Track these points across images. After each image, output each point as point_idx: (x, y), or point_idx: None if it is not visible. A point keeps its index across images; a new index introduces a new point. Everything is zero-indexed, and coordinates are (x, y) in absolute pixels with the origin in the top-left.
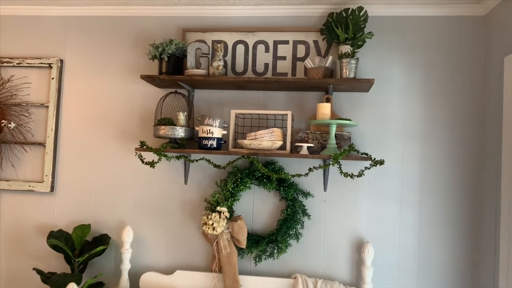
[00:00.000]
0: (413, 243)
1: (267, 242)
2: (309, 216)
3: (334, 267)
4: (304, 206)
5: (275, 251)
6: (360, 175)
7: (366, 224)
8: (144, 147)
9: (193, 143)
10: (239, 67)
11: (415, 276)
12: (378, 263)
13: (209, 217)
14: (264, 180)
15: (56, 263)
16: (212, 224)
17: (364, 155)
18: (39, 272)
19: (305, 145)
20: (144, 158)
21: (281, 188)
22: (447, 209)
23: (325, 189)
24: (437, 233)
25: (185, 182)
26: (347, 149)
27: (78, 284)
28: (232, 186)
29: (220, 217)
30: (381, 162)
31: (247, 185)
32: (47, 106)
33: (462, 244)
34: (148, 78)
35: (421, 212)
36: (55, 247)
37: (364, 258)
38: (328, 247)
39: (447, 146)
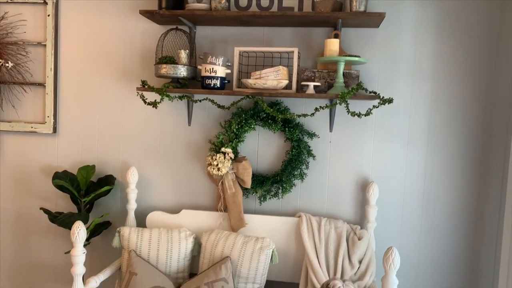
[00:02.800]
0: (418, 183)
1: (271, 182)
2: (314, 156)
3: (338, 206)
4: (309, 147)
5: (280, 191)
6: (367, 114)
7: (372, 165)
8: (146, 86)
9: (196, 83)
10: (243, 1)
11: (420, 215)
12: (383, 203)
13: (214, 158)
14: (269, 121)
15: (62, 203)
16: (217, 165)
17: (372, 94)
18: (46, 211)
19: (311, 84)
20: (146, 98)
21: (286, 129)
22: (454, 149)
23: (331, 130)
24: (443, 173)
25: (189, 123)
26: (355, 88)
27: (85, 223)
28: (237, 127)
29: (224, 158)
30: (390, 101)
31: (252, 126)
32: (45, 45)
33: (468, 184)
34: (147, 14)
35: (427, 152)
36: (60, 188)
37: (368, 198)
38: (333, 187)
39: (457, 87)
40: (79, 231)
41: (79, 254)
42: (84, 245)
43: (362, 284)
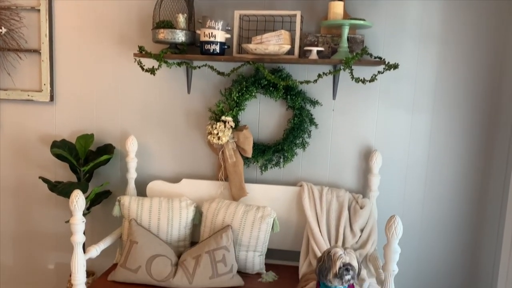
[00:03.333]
0: (423, 151)
1: (273, 151)
2: (316, 125)
3: (340, 175)
4: (311, 115)
5: (281, 160)
6: (372, 79)
7: (375, 133)
8: (143, 52)
9: (195, 48)
10: None
11: (423, 184)
12: (386, 172)
13: (214, 126)
14: (271, 88)
15: (62, 173)
16: (217, 134)
17: (377, 59)
18: (45, 180)
19: (314, 49)
20: (144, 65)
21: (288, 96)
22: (461, 116)
23: (334, 97)
24: (448, 141)
25: (188, 91)
26: (359, 53)
27: (84, 192)
28: (237, 95)
29: (225, 126)
30: (395, 66)
31: (253, 94)
32: (38, 10)
33: (474, 152)
34: None
35: (433, 120)
36: (59, 157)
37: (371, 166)
38: (335, 156)
39: (466, 51)
40: (78, 199)
41: (79, 222)
42: (84, 214)
43: (364, 253)
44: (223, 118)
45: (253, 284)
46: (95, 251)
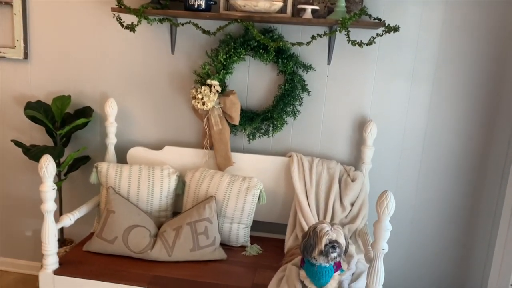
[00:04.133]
0: (421, 122)
1: (262, 119)
2: (309, 92)
3: (332, 146)
4: (304, 81)
5: (270, 128)
6: (370, 43)
7: (371, 102)
8: (122, 7)
9: (179, 4)
10: None
11: (419, 157)
12: (380, 143)
13: (199, 90)
14: (261, 50)
15: (38, 136)
16: (202, 99)
17: (376, 21)
18: (18, 144)
19: (309, 7)
20: (124, 21)
21: (280, 60)
22: (463, 88)
23: (328, 62)
24: (448, 113)
25: (172, 51)
26: (357, 13)
27: (59, 157)
28: (224, 57)
29: (210, 91)
30: (396, 29)
31: (241, 56)
32: None
33: (474, 126)
34: None
35: (433, 90)
36: (33, 119)
37: (365, 137)
38: (327, 126)
39: (473, 14)
40: (47, 165)
41: (48, 190)
42: (62, 180)
43: (353, 228)
44: (208, 81)
45: (236, 258)
46: (68, 220)
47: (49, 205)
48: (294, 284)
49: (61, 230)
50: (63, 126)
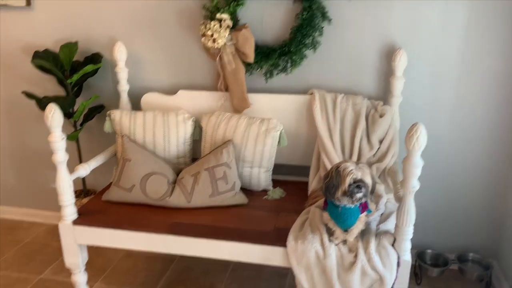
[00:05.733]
0: (457, 49)
1: (278, 54)
2: (329, 20)
3: (357, 80)
4: (323, 8)
5: (289, 64)
6: None
7: (400, 27)
8: None
9: None
10: None
11: (454, 87)
12: (411, 74)
13: (208, 26)
14: None
15: (50, 87)
16: (212, 35)
17: None
18: (29, 95)
19: None
20: None
21: None
22: (506, 9)
23: None
24: (488, 37)
25: None
26: None
27: (71, 106)
28: None
29: (220, 26)
30: None
31: None
32: None
33: None
34: None
35: (471, 10)
36: (41, 68)
37: (394, 67)
38: (352, 57)
39: None
40: (53, 114)
41: (57, 140)
42: (78, 130)
43: (382, 166)
44: (218, 16)
45: (258, 202)
46: (83, 170)
47: (60, 156)
48: (318, 226)
49: (83, 181)
50: (73, 74)
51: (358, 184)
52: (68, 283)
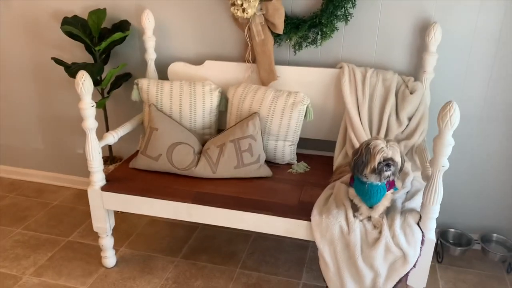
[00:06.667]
0: (495, 24)
1: (309, 26)
2: None
3: (389, 55)
4: None
5: (319, 36)
6: None
7: (436, 1)
8: None
9: None
10: None
11: (490, 67)
12: (445, 50)
13: None
14: None
15: (78, 54)
16: (242, 5)
17: None
18: (57, 61)
19: None
20: None
21: None
22: None
23: None
24: None
25: None
26: None
27: (99, 74)
28: None
29: None
30: None
31: None
32: None
33: None
34: None
35: None
36: (70, 35)
37: (428, 43)
38: (384, 31)
39: None
40: (84, 81)
41: (87, 107)
42: (105, 98)
43: (410, 144)
44: None
45: (282, 175)
46: (112, 137)
47: (90, 123)
48: (343, 202)
49: (110, 148)
50: (101, 41)
51: (387, 162)
52: (94, 246)
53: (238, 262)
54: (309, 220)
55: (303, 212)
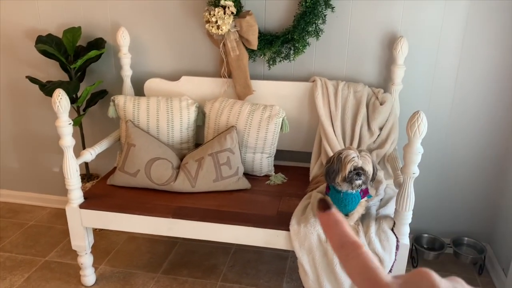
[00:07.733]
0: (456, 40)
1: (282, 41)
2: (332, 8)
3: (359, 68)
4: None
5: (292, 52)
6: None
7: (402, 16)
8: None
9: None
10: None
11: (454, 78)
12: (412, 62)
13: (212, 13)
14: None
15: (54, 72)
16: (216, 22)
17: None
18: (32, 80)
19: None
20: None
21: None
22: (506, 3)
23: None
24: (487, 29)
25: None
26: None
27: (75, 92)
28: None
29: (225, 13)
30: None
31: None
32: None
33: None
34: None
35: (472, 3)
36: (45, 53)
37: (395, 56)
38: (354, 46)
39: None
40: (60, 100)
41: (64, 125)
42: (81, 115)
43: (382, 153)
44: (222, 2)
45: (260, 187)
46: (89, 154)
47: (67, 140)
48: None
49: (87, 166)
50: (77, 59)
51: (358, 171)
52: (73, 265)
53: (219, 275)
54: (288, 230)
55: (281, 222)
